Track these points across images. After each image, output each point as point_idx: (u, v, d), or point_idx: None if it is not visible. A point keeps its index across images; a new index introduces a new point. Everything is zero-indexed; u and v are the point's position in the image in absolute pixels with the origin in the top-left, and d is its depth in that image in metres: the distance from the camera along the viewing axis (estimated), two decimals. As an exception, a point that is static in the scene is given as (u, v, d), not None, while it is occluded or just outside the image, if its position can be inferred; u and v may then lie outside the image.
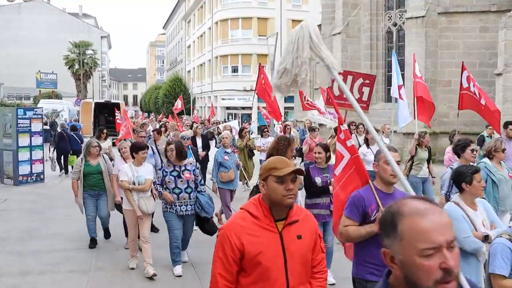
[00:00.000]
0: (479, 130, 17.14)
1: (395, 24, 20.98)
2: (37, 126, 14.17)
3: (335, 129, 11.59)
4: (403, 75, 19.30)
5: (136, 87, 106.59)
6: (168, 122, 17.06)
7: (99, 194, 7.47)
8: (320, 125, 16.88)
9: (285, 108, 41.95)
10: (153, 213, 6.94)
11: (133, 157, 6.43)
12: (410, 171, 8.70)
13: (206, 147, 11.74)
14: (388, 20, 21.23)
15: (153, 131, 11.73)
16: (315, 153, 5.80)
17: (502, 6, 17.09)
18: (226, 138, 8.89)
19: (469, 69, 17.53)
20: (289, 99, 40.75)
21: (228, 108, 44.03)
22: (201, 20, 53.00)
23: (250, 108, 42.89)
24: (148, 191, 6.34)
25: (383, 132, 11.22)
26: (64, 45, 50.68)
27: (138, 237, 6.58)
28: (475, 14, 17.61)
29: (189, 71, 59.95)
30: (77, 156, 16.79)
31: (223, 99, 44.83)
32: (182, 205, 6.14)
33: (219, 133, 15.32)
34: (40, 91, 44.52)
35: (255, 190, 5.22)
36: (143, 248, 6.22)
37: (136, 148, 6.38)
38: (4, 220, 9.29)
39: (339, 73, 6.20)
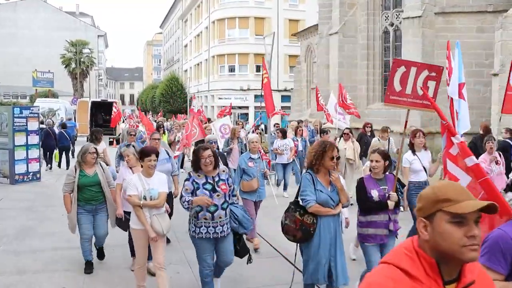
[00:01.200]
0: (475, 131, 17.19)
1: (392, 24, 21.01)
2: (33, 125, 14.13)
3: (343, 131, 11.39)
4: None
5: (133, 86, 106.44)
6: (166, 121, 17.06)
7: (97, 209, 6.28)
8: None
9: (282, 107, 42.02)
10: None
11: (141, 165, 5.33)
12: None
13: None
14: (385, 20, 21.26)
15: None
16: (371, 161, 5.09)
17: (498, 6, 17.13)
18: (256, 142, 7.69)
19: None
20: (285, 98, 40.85)
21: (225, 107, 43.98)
22: (198, 19, 52.98)
23: (247, 107, 42.95)
24: (162, 207, 5.25)
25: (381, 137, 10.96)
26: (61, 44, 50.55)
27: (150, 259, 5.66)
28: (472, 14, 17.64)
29: (186, 71, 59.92)
30: (65, 152, 17.72)
31: (219, 98, 44.84)
32: (217, 226, 4.92)
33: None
34: (36, 90, 44.40)
35: (293, 207, 4.75)
36: (159, 278, 5.09)
37: (142, 154, 5.28)
38: (0, 218, 9.27)
39: (393, 61, 5.56)
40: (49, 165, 16.47)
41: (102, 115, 30.54)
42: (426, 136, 8.59)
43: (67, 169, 17.27)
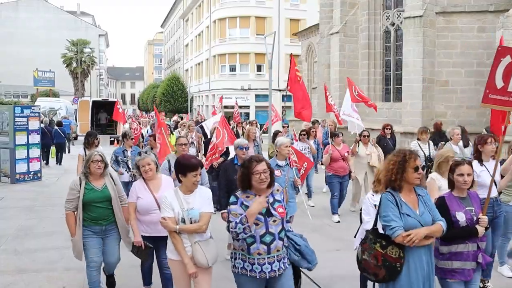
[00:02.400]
0: (477, 130, 17.18)
1: (393, 24, 20.98)
2: (34, 124, 14.15)
3: (360, 133, 10.07)
4: (400, 75, 19.36)
5: (134, 86, 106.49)
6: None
7: (107, 231, 5.17)
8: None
9: (282, 107, 42.00)
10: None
11: (179, 181, 4.19)
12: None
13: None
14: (386, 19, 21.23)
15: (150, 135, 9.92)
16: (461, 174, 4.03)
17: (499, 6, 17.11)
18: (285, 147, 6.58)
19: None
20: (287, 98, 40.82)
21: (226, 107, 43.97)
22: (199, 18, 52.98)
23: (248, 107, 42.92)
24: (207, 232, 4.17)
25: (450, 139, 9.16)
26: (62, 43, 50.55)
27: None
28: (473, 14, 17.62)
29: (187, 70, 59.92)
30: (61, 149, 18.50)
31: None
32: (274, 262, 3.72)
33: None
34: (37, 89, 44.42)
35: (372, 237, 3.77)
36: None
37: (185, 168, 4.10)
38: (0, 218, 9.28)
39: (498, 49, 4.46)
40: (44, 161, 17.34)
41: (105, 115, 30.50)
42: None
43: (60, 164, 17.93)
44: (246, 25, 43.49)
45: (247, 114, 41.86)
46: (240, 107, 41.54)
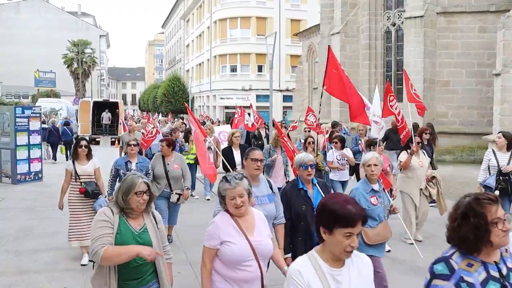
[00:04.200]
0: (478, 131, 17.18)
1: (393, 24, 20.98)
2: (35, 124, 14.15)
3: (384, 139, 8.98)
4: (401, 75, 19.34)
5: (135, 86, 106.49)
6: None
7: None
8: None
9: (283, 107, 42.03)
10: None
11: (321, 239, 2.48)
12: None
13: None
14: (387, 19, 21.24)
15: (162, 140, 7.76)
16: None
17: (500, 6, 17.10)
18: (375, 166, 4.84)
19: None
20: (287, 98, 40.84)
21: (226, 107, 44.03)
22: (200, 19, 53.00)
23: (249, 107, 42.90)
24: None
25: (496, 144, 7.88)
26: (63, 44, 50.59)
27: None
28: (474, 14, 17.63)
29: (187, 70, 59.92)
30: (69, 146, 18.93)
31: (221, 98, 44.83)
32: None
33: None
34: (38, 89, 44.45)
35: None
36: None
37: (337, 219, 2.31)
38: (2, 218, 9.28)
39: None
40: (52, 159, 19.17)
41: (108, 115, 30.47)
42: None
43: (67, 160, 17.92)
44: (247, 26, 43.50)
45: (248, 115, 41.85)
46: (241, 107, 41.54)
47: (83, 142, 6.82)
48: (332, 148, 9.22)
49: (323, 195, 4.36)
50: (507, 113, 14.78)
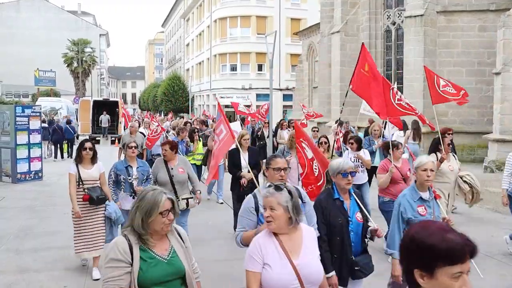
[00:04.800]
0: (479, 129, 17.18)
1: (394, 23, 20.97)
2: (35, 124, 14.16)
3: (438, 140, 7.24)
4: (401, 74, 19.34)
5: (135, 85, 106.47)
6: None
7: None
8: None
9: (283, 106, 42.00)
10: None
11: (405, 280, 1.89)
12: None
13: (256, 166, 7.56)
14: (387, 18, 21.22)
15: (164, 144, 6.96)
16: None
17: (501, 5, 17.09)
18: (431, 171, 4.37)
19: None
20: (287, 97, 40.82)
21: (226, 106, 44.03)
22: (200, 18, 52.97)
23: (249, 106, 42.88)
24: None
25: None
26: (63, 43, 50.56)
27: None
28: (474, 13, 17.62)
29: (187, 70, 59.92)
30: (71, 144, 20.09)
31: (221, 97, 44.81)
32: None
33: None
34: (38, 89, 44.41)
35: None
36: None
37: (439, 257, 1.70)
38: (2, 217, 9.29)
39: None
40: (55, 157, 19.87)
41: (107, 118, 30.47)
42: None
43: (71, 158, 19.07)
44: (247, 25, 43.47)
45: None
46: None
47: (88, 144, 6.15)
48: (347, 149, 8.65)
49: (362, 207, 4.04)
50: (507, 112, 14.78)
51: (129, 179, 6.53)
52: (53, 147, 20.08)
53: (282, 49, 40.77)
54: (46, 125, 19.51)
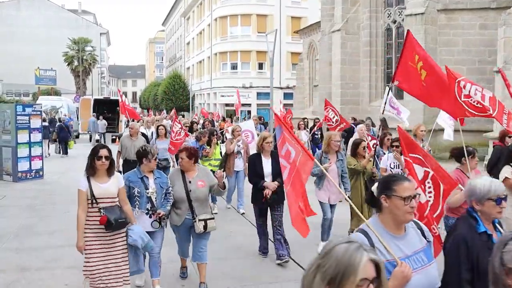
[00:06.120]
0: (479, 128, 17.15)
1: (394, 21, 20.95)
2: (36, 122, 14.17)
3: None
4: (402, 72, 19.33)
5: (136, 84, 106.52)
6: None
7: None
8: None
9: (284, 105, 41.98)
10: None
11: None
12: None
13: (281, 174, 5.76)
14: (388, 17, 21.21)
15: (180, 151, 5.71)
16: None
17: (501, 3, 17.07)
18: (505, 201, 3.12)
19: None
20: (288, 96, 40.79)
21: (227, 105, 44.04)
22: (200, 17, 52.95)
23: (249, 105, 42.89)
24: None
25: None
26: (63, 42, 50.60)
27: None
28: (475, 11, 17.60)
29: (188, 68, 59.93)
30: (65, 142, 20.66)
31: (222, 96, 44.82)
32: None
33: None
34: (39, 87, 44.48)
35: None
36: None
37: None
38: (2, 216, 9.29)
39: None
40: (63, 152, 20.77)
41: (105, 113, 30.45)
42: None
43: (65, 154, 20.71)
44: (247, 23, 43.44)
45: (249, 112, 41.84)
46: (242, 105, 41.60)
47: (103, 152, 4.68)
48: (384, 153, 7.70)
49: None
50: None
51: (147, 193, 5.20)
52: (59, 144, 20.99)
53: (283, 47, 40.74)
54: (46, 123, 19.57)
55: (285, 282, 5.81)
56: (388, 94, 6.98)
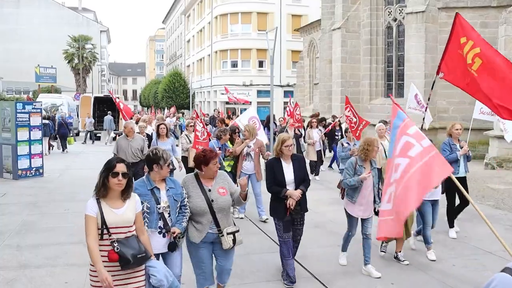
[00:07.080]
0: (479, 126, 17.15)
1: (395, 19, 20.93)
2: (36, 120, 14.16)
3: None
4: (402, 71, 19.30)
5: (136, 82, 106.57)
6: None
7: None
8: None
9: (284, 103, 41.99)
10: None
11: None
12: None
13: (303, 181, 5.66)
14: (388, 15, 21.18)
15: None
16: None
17: (502, 1, 17.05)
18: None
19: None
20: (288, 94, 40.77)
21: (227, 103, 44.01)
22: (201, 14, 52.91)
23: (250, 103, 42.90)
24: None
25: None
26: (64, 39, 50.55)
27: None
28: (475, 9, 17.57)
29: (188, 66, 59.92)
30: (64, 138, 21.22)
31: (222, 94, 44.79)
32: None
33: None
34: (39, 85, 44.42)
35: None
36: None
37: None
38: (3, 214, 9.29)
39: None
40: (64, 149, 21.46)
41: (105, 110, 30.43)
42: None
43: (65, 148, 21.39)
44: (247, 21, 43.41)
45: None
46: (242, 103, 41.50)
47: (121, 167, 3.65)
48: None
49: None
50: (508, 108, 14.75)
51: (158, 208, 4.20)
52: (60, 141, 21.55)
53: (283, 45, 40.72)
54: (47, 121, 19.53)
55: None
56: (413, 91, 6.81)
